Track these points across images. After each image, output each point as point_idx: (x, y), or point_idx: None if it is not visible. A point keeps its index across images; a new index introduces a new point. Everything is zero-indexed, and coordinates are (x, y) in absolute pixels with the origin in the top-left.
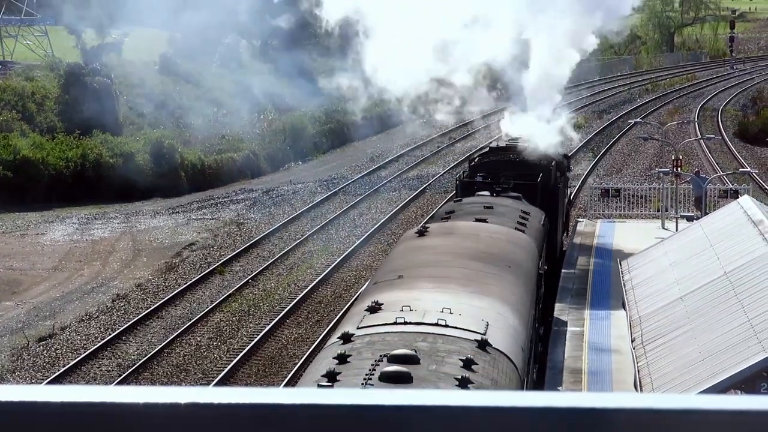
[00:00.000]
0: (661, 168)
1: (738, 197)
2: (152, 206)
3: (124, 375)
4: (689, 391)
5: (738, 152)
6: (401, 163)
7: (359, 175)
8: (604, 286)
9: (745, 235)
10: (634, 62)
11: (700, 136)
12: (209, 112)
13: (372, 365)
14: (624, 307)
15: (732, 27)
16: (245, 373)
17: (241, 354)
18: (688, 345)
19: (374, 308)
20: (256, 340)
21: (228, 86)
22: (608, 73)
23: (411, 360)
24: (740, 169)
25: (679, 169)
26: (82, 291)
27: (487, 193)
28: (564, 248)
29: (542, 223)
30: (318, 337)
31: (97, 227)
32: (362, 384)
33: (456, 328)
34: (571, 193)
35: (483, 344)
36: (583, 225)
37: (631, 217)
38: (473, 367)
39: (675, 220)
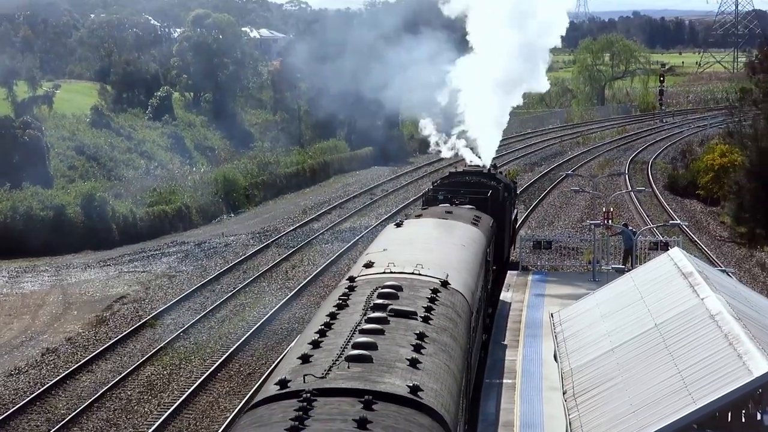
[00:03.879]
0: (592, 220)
1: (668, 249)
2: (83, 259)
3: (53, 430)
4: None
5: (668, 204)
6: (334, 216)
7: (291, 228)
8: (537, 338)
9: (676, 287)
10: (565, 115)
11: (630, 189)
12: (141, 164)
13: (371, 291)
14: (556, 358)
15: (661, 80)
16: (176, 427)
17: (172, 408)
18: (619, 397)
19: (369, 264)
20: (187, 393)
21: (160, 138)
22: (540, 126)
23: (397, 288)
24: (670, 222)
25: (609, 221)
26: (11, 345)
27: (447, 205)
28: (511, 259)
29: (491, 225)
30: (250, 390)
31: (26, 280)
32: (365, 300)
33: (426, 275)
34: (516, 213)
35: (444, 283)
36: (514, 277)
37: (562, 269)
38: (438, 294)
39: (605, 272)
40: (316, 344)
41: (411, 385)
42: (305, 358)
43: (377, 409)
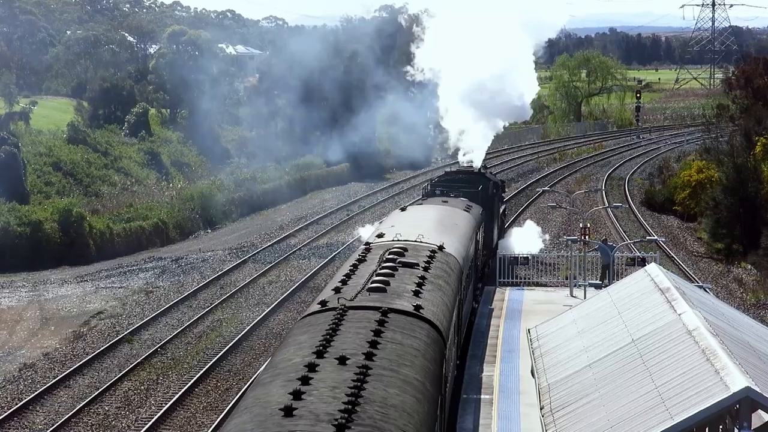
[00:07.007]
0: (569, 236)
1: (645, 265)
2: (60, 275)
3: None
4: None
5: (645, 220)
6: (311, 231)
7: (269, 243)
8: (514, 354)
9: (653, 302)
10: (542, 131)
11: (607, 205)
12: (117, 180)
13: (384, 251)
14: (533, 374)
15: (638, 97)
16: None
17: (150, 423)
18: (596, 412)
19: (380, 235)
20: (165, 408)
21: (137, 155)
22: (516, 142)
23: (404, 249)
24: (647, 237)
25: (587, 237)
26: None
27: (444, 197)
28: (497, 249)
29: (480, 212)
30: (227, 406)
31: (4, 296)
32: (379, 257)
33: (426, 243)
34: (505, 208)
35: (441, 248)
36: (491, 293)
37: (540, 285)
38: (435, 254)
39: (583, 288)
40: (344, 282)
41: (415, 304)
42: (337, 290)
43: (391, 317)
